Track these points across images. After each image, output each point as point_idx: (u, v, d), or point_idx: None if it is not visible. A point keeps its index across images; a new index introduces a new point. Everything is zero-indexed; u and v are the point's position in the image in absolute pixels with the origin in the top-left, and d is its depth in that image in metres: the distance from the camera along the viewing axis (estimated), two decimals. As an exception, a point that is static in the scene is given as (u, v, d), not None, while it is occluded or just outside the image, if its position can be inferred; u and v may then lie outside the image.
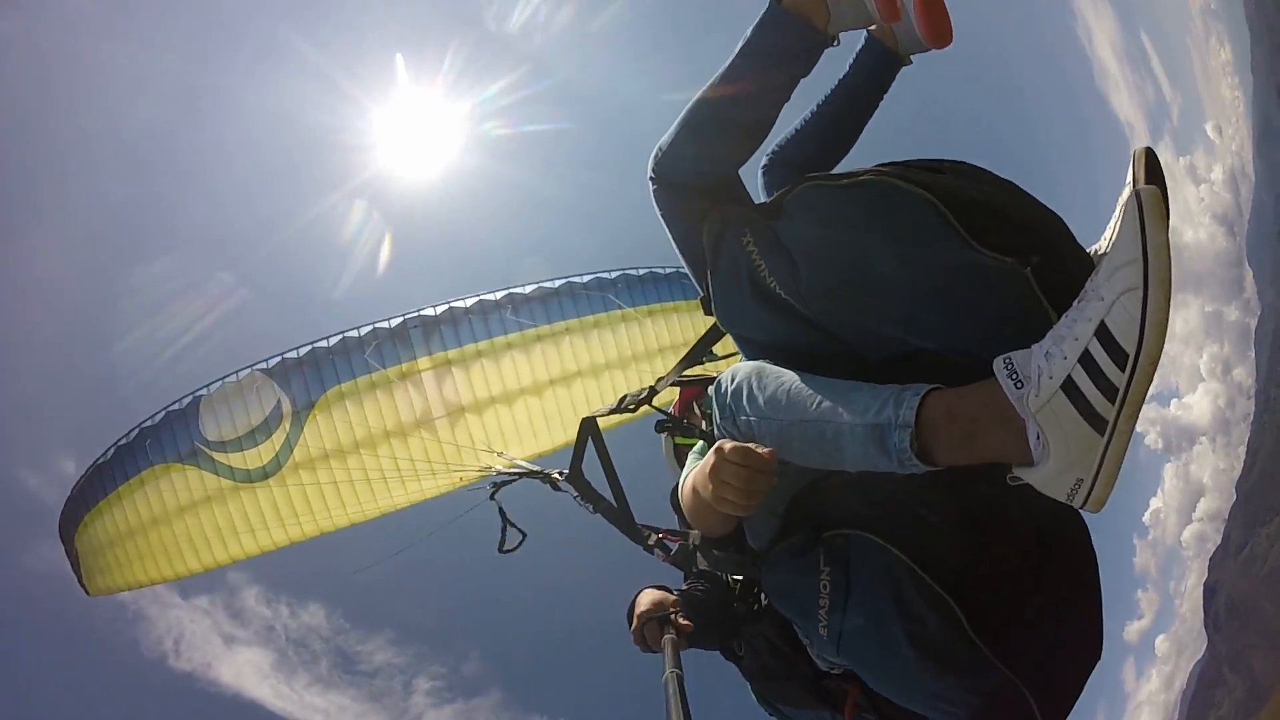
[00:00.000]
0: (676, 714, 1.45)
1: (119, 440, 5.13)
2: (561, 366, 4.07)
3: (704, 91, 1.94)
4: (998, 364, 1.35)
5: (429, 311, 4.03)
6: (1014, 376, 1.30)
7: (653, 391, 3.26)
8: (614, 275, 4.20)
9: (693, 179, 2.07)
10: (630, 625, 2.20)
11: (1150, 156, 1.76)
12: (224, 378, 4.55)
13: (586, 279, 4.15)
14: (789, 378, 1.70)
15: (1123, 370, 1.15)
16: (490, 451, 4.15)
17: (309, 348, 4.17)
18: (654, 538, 3.25)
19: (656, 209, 2.18)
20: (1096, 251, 1.77)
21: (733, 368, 1.92)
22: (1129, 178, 1.80)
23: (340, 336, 4.12)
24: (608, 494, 3.33)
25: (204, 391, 4.63)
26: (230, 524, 4.36)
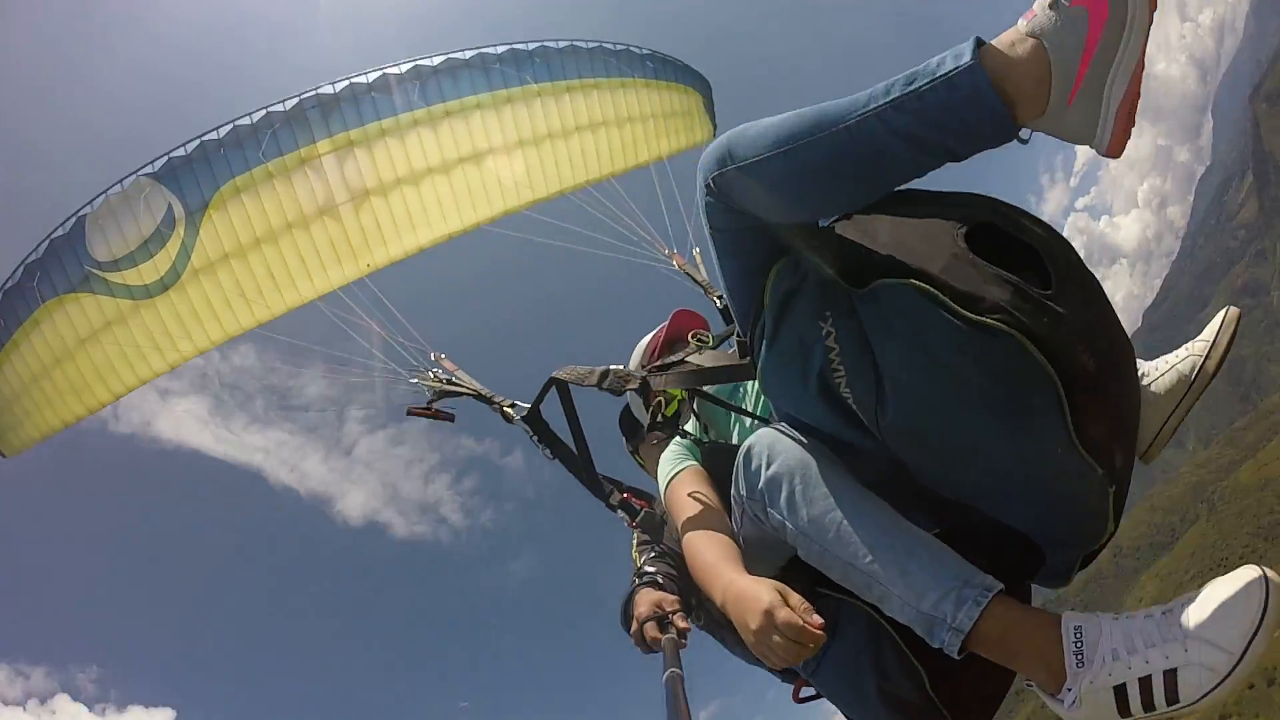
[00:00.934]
0: (677, 713, 1.50)
1: (4, 284, 4.70)
2: (472, 144, 3.75)
3: (824, 122, 1.48)
4: (1067, 629, 1.42)
5: (326, 90, 3.64)
6: (1079, 654, 1.39)
7: (645, 386, 2.62)
8: (532, 47, 3.85)
9: (770, 216, 1.67)
10: (624, 621, 2.22)
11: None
12: (107, 190, 4.13)
13: (500, 50, 3.80)
14: (836, 507, 1.63)
15: (1169, 706, 1.32)
16: (429, 351, 3.86)
17: (197, 142, 3.76)
18: (617, 496, 3.00)
19: (705, 223, 1.78)
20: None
21: (769, 441, 1.79)
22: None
23: (230, 126, 3.71)
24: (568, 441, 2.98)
25: (87, 210, 4.21)
26: (135, 346, 4.06)
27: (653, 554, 2.71)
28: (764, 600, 1.56)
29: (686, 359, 2.60)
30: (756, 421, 2.36)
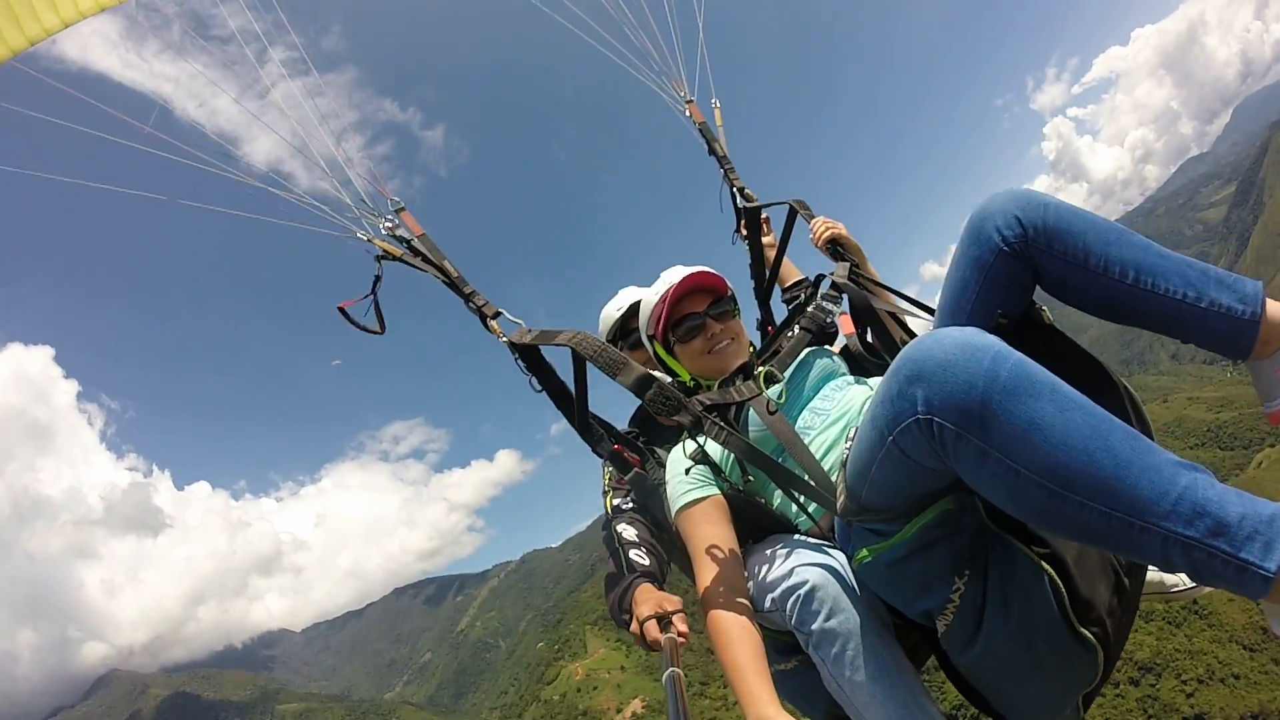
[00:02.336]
0: (677, 709, 1.59)
1: None
2: None
3: (1112, 497, 1.24)
4: None
5: None
6: None
7: (698, 427, 2.06)
8: None
9: (982, 494, 1.45)
10: (618, 610, 2.29)
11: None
12: None
13: None
14: (877, 680, 1.81)
15: None
16: (386, 197, 2.98)
17: None
18: (608, 446, 2.66)
19: (890, 433, 1.44)
20: None
21: (834, 594, 1.88)
22: None
23: None
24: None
25: None
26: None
27: (629, 504, 2.70)
28: None
29: (750, 405, 2.23)
30: (804, 515, 2.20)
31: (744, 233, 3.35)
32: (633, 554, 2.46)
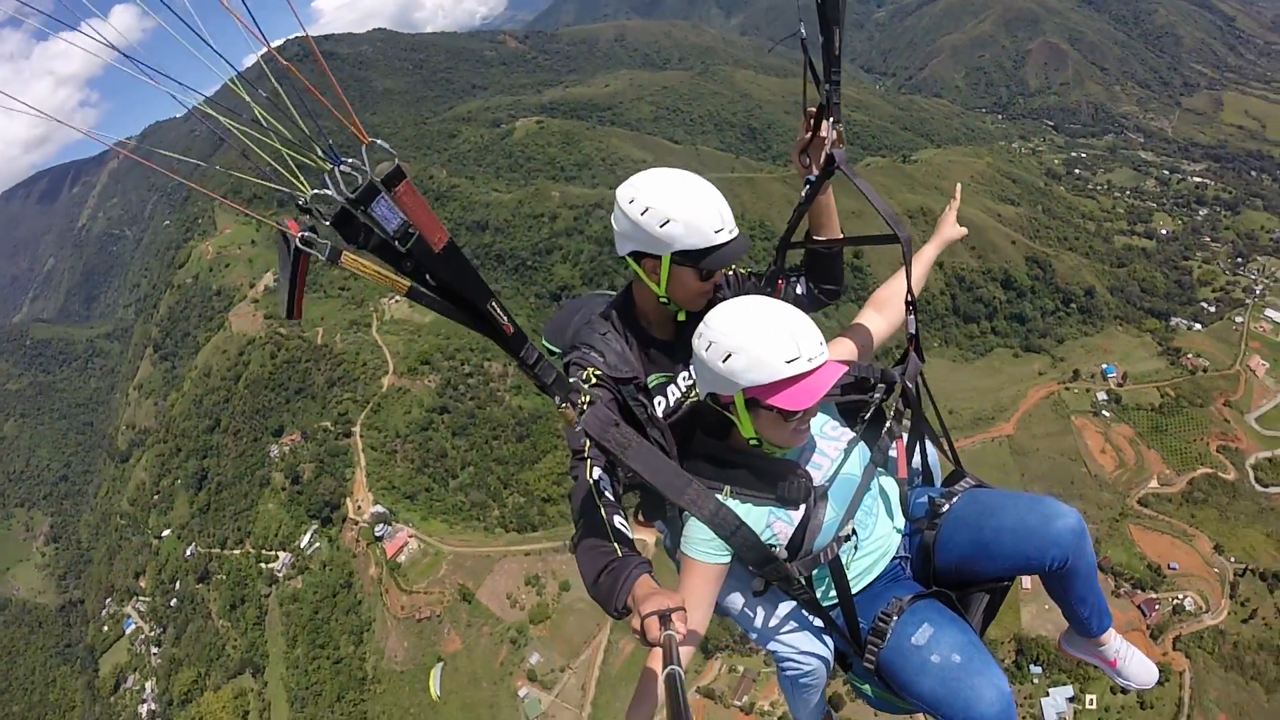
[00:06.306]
0: (677, 708, 1.65)
1: None
2: None
3: None
4: None
5: None
6: None
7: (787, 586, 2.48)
8: None
9: None
10: (609, 596, 2.25)
11: None
12: None
13: None
14: (800, 709, 2.81)
15: None
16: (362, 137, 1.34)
17: None
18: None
19: None
20: None
21: (819, 675, 2.60)
22: None
23: None
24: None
25: None
26: None
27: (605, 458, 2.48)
28: None
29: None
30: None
31: (813, 174, 2.80)
32: (617, 521, 2.39)
